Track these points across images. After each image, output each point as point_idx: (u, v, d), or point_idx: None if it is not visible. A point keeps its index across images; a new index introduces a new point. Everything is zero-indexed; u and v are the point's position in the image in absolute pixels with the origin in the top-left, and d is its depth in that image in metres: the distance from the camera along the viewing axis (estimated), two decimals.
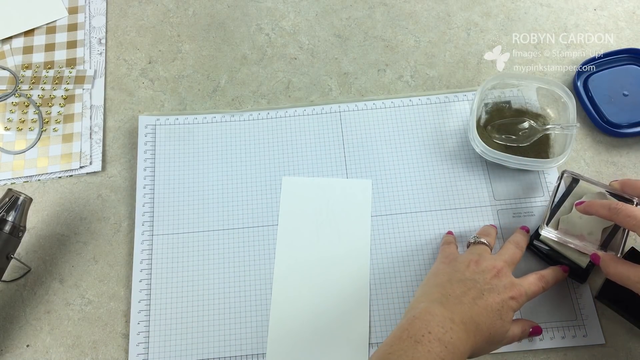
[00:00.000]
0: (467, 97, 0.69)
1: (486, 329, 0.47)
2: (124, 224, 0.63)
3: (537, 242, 0.59)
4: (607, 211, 0.51)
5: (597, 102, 0.67)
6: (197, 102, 0.70)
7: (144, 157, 0.66)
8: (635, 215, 0.48)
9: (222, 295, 0.59)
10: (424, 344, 0.43)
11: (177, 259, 0.61)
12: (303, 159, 0.66)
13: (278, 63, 0.73)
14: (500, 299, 0.48)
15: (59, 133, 0.68)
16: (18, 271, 0.61)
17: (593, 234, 0.55)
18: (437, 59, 0.73)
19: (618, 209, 0.50)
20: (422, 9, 0.76)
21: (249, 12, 0.76)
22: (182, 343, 0.57)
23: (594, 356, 0.56)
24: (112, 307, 0.60)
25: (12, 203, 0.56)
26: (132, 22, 0.76)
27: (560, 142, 0.63)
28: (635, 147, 0.66)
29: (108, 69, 0.73)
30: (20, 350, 0.58)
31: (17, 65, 0.73)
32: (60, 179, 0.66)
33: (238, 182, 0.65)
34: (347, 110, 0.69)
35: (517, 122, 0.65)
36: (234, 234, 0.62)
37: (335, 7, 0.76)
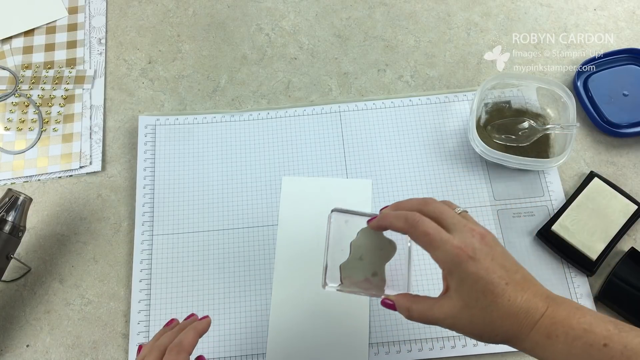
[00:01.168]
0: (467, 97, 0.69)
1: None
2: (124, 224, 0.63)
3: (546, 234, 0.60)
4: (404, 223, 0.44)
5: (597, 102, 0.67)
6: (197, 102, 0.70)
7: (144, 157, 0.66)
8: (431, 232, 0.42)
9: (222, 295, 0.59)
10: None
11: (177, 259, 0.61)
12: (303, 159, 0.66)
13: (278, 63, 0.73)
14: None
15: (58, 133, 0.68)
16: (18, 271, 0.61)
17: (377, 274, 0.49)
18: (437, 59, 0.73)
19: (416, 221, 0.43)
20: (422, 9, 0.76)
21: (249, 12, 0.76)
22: None
23: None
24: (112, 307, 0.60)
25: (12, 203, 0.56)
26: (132, 22, 0.76)
27: (560, 142, 0.63)
28: (635, 147, 0.66)
29: (108, 69, 0.73)
30: (20, 350, 0.58)
31: (17, 65, 0.73)
32: (60, 179, 0.66)
33: (238, 182, 0.65)
34: (347, 110, 0.69)
35: (517, 122, 0.65)
36: (234, 234, 0.62)
37: (335, 7, 0.76)
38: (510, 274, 0.41)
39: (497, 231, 0.61)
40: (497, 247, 0.42)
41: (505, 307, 0.40)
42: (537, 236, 0.60)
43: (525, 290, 0.40)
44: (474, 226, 0.43)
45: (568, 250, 0.59)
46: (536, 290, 0.41)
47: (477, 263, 0.40)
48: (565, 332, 0.38)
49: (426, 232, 0.42)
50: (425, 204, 0.45)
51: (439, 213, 0.44)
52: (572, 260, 0.59)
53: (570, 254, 0.59)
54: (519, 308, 0.40)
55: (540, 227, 0.60)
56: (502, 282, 0.40)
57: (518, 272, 0.42)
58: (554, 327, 0.38)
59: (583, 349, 0.37)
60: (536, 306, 0.40)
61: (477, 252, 0.41)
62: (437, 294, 0.44)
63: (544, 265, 0.59)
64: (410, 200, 0.47)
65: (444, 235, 0.42)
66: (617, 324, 0.37)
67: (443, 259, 0.42)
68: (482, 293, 0.40)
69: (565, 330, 0.38)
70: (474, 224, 0.44)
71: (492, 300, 0.40)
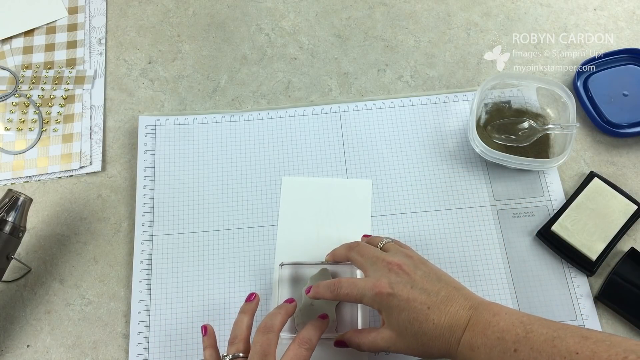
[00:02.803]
0: (467, 97, 0.69)
1: None
2: (124, 224, 0.63)
3: (546, 235, 0.60)
4: (330, 293, 0.49)
5: (597, 102, 0.67)
6: (197, 102, 0.70)
7: (144, 157, 0.66)
8: (349, 291, 0.48)
9: (222, 295, 0.59)
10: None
11: (177, 259, 0.61)
12: (303, 159, 0.66)
13: (278, 63, 0.73)
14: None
15: (59, 133, 0.68)
16: (18, 271, 0.61)
17: (331, 318, 0.54)
18: (437, 59, 0.73)
19: (337, 286, 0.49)
20: (422, 9, 0.76)
21: (249, 12, 0.76)
22: (182, 343, 0.57)
23: None
24: (112, 307, 0.60)
25: (12, 203, 0.56)
26: (132, 22, 0.76)
27: (560, 142, 0.63)
28: (635, 147, 0.66)
29: (108, 69, 0.73)
30: (21, 350, 0.58)
31: (17, 65, 0.73)
32: (60, 179, 0.66)
33: (238, 182, 0.65)
34: (347, 110, 0.69)
35: (517, 122, 0.65)
36: (234, 234, 0.62)
37: (335, 7, 0.76)
38: (432, 297, 0.45)
39: (497, 231, 0.61)
40: (417, 272, 0.47)
41: (431, 330, 0.44)
42: (537, 236, 0.60)
43: (448, 307, 0.44)
44: (392, 257, 0.48)
45: (568, 250, 0.59)
46: (459, 304, 0.45)
47: (395, 297, 0.45)
48: (483, 344, 0.42)
49: (346, 294, 0.48)
50: (349, 249, 0.52)
51: (360, 255, 0.50)
52: (572, 260, 0.59)
53: (570, 254, 0.59)
54: (443, 328, 0.44)
55: (540, 227, 0.61)
56: (424, 307, 0.44)
57: (440, 291, 0.46)
58: (474, 340, 0.42)
59: (499, 356, 0.40)
60: (458, 323, 0.44)
61: (394, 287, 0.46)
62: None
63: (544, 265, 0.60)
64: (341, 247, 0.55)
65: (360, 284, 0.48)
66: (525, 325, 0.41)
67: (369, 303, 0.47)
68: (408, 322, 0.45)
69: (483, 342, 0.42)
70: (393, 255, 0.49)
71: (419, 327, 0.44)
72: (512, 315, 0.43)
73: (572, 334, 0.39)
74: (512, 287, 0.59)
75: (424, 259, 0.50)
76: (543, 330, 0.40)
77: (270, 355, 0.45)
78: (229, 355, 0.46)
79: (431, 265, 0.49)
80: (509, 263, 0.60)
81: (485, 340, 0.42)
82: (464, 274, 0.59)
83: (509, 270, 0.60)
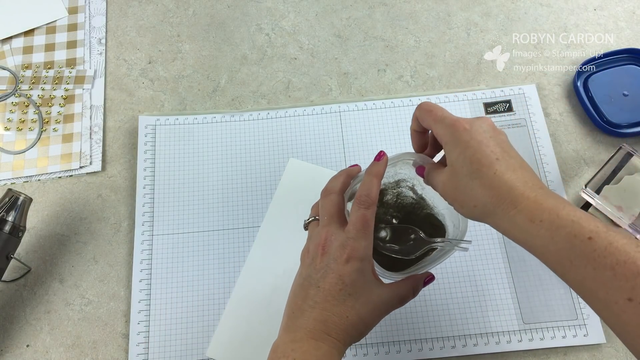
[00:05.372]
0: (467, 96, 0.69)
1: (344, 314, 0.41)
2: (124, 224, 0.63)
3: None
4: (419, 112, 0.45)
5: (597, 102, 0.67)
6: (197, 102, 0.70)
7: (144, 157, 0.66)
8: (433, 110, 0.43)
9: (222, 295, 0.59)
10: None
11: (177, 259, 0.61)
12: (303, 159, 0.66)
13: (278, 63, 0.73)
14: (338, 276, 0.41)
15: (59, 133, 0.68)
16: (18, 271, 0.61)
17: (631, 208, 0.56)
18: (437, 59, 0.73)
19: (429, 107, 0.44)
20: (422, 9, 0.76)
21: (249, 12, 0.76)
22: (182, 343, 0.57)
23: (594, 356, 0.56)
24: (112, 307, 0.60)
25: (12, 203, 0.56)
26: (132, 22, 0.76)
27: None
28: (635, 147, 0.66)
29: (108, 69, 0.73)
30: (20, 350, 0.58)
31: (17, 65, 0.73)
32: (60, 179, 0.66)
33: (238, 182, 0.65)
34: (347, 110, 0.69)
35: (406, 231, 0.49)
36: (234, 234, 0.62)
37: (335, 7, 0.76)
38: (505, 155, 0.40)
39: (498, 234, 0.61)
40: (501, 135, 0.42)
41: (489, 178, 0.39)
42: None
43: (516, 172, 0.39)
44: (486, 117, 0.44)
45: None
46: (529, 178, 0.39)
47: (470, 133, 0.41)
48: (550, 220, 0.36)
49: (429, 110, 0.43)
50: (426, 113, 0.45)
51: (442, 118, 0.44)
52: None
53: None
54: (503, 183, 0.39)
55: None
56: (492, 155, 0.40)
57: (516, 158, 0.41)
58: (539, 212, 0.37)
59: (567, 238, 0.35)
60: (523, 188, 0.38)
61: (473, 125, 0.41)
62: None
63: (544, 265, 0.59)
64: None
65: (445, 113, 0.43)
66: (607, 225, 0.36)
67: (442, 132, 0.42)
68: (469, 160, 0.40)
69: (551, 218, 0.36)
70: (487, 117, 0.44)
71: (477, 168, 0.39)
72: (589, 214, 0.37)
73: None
74: (512, 287, 0.59)
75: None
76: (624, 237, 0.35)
77: (334, 216, 0.44)
78: (307, 220, 0.48)
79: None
80: (509, 263, 0.60)
81: (555, 218, 0.36)
82: (464, 273, 0.59)
83: (509, 270, 0.60)
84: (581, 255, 0.35)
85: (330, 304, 0.41)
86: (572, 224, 0.36)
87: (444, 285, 0.59)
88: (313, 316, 0.41)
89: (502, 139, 0.41)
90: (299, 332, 0.41)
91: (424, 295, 0.59)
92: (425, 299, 0.59)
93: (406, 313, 0.58)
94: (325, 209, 0.45)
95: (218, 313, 0.58)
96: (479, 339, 0.57)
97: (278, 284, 0.59)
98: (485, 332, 0.57)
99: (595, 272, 0.34)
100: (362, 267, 0.42)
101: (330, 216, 0.44)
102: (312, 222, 0.47)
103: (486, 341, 0.57)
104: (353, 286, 0.41)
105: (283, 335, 0.42)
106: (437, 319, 0.58)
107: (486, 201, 0.39)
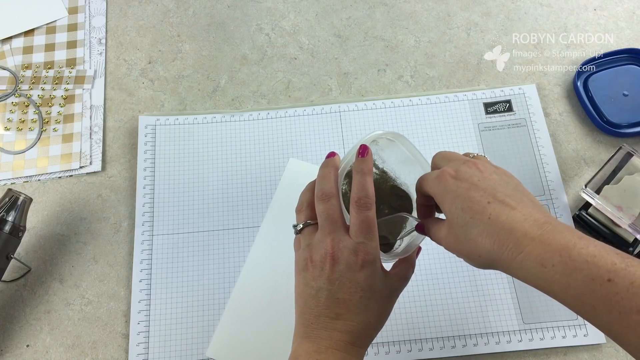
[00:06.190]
0: (467, 96, 0.69)
1: (367, 320, 0.41)
2: (124, 224, 0.63)
3: (585, 215, 0.60)
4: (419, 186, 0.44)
5: (597, 102, 0.67)
6: (197, 102, 0.70)
7: (144, 157, 0.66)
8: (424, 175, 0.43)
9: (222, 295, 0.59)
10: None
11: (177, 259, 0.61)
12: (303, 159, 0.66)
13: (278, 63, 0.73)
14: (355, 284, 0.41)
15: (59, 133, 0.68)
16: (18, 271, 0.61)
17: (631, 208, 0.56)
18: (437, 59, 0.73)
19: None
20: (422, 9, 0.76)
21: (249, 12, 0.76)
22: (182, 343, 0.57)
23: (594, 356, 0.56)
24: (112, 307, 0.60)
25: (12, 203, 0.56)
26: (132, 22, 0.76)
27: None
28: (635, 147, 0.66)
29: (108, 69, 0.73)
30: (20, 350, 0.58)
31: (17, 65, 0.73)
32: (60, 179, 0.66)
33: (238, 182, 0.65)
34: (347, 110, 0.69)
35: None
36: (234, 234, 0.62)
37: (335, 7, 0.76)
38: (498, 193, 0.38)
39: None
40: (492, 174, 0.40)
41: (485, 224, 0.37)
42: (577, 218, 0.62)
43: (514, 209, 0.37)
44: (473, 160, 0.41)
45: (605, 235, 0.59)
46: (530, 213, 0.37)
47: (457, 181, 0.39)
48: (563, 263, 0.34)
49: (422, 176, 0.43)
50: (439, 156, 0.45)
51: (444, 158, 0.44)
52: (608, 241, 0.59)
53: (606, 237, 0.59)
54: (501, 227, 0.36)
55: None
56: (483, 200, 0.38)
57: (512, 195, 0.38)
58: (549, 255, 0.34)
59: (584, 283, 0.33)
60: (524, 228, 0.36)
61: (460, 173, 0.40)
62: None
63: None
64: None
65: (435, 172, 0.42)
66: (624, 257, 0.33)
67: (431, 186, 0.41)
68: (460, 210, 0.38)
69: (563, 261, 0.34)
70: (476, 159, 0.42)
71: (471, 217, 0.37)
72: (601, 244, 0.34)
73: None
74: (512, 287, 0.59)
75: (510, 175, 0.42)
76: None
77: (338, 221, 0.42)
78: (298, 224, 0.45)
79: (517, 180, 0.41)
80: None
81: (567, 260, 0.33)
82: (464, 273, 0.59)
83: None
84: (603, 300, 0.32)
85: (353, 313, 0.40)
86: (587, 265, 0.33)
87: (444, 285, 0.59)
88: (337, 327, 0.40)
89: (493, 178, 0.39)
90: (322, 343, 0.40)
91: (424, 295, 0.59)
92: (425, 299, 0.59)
93: (406, 313, 0.58)
94: (328, 214, 0.42)
95: (218, 313, 0.58)
96: (479, 339, 0.57)
97: (278, 284, 0.59)
98: (485, 332, 0.57)
99: (621, 317, 0.31)
100: (375, 268, 0.41)
101: (334, 222, 0.42)
102: (308, 228, 0.44)
103: (486, 341, 0.57)
104: (370, 290, 0.41)
105: (304, 344, 0.41)
106: (437, 319, 0.58)
107: (489, 249, 0.37)
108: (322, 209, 0.43)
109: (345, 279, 0.41)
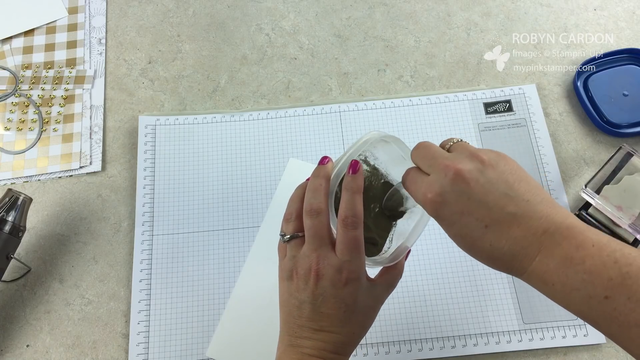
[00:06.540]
0: (467, 96, 0.69)
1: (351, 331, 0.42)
2: (124, 224, 0.63)
3: (585, 215, 0.60)
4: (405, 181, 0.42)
5: (597, 102, 0.67)
6: (197, 102, 0.70)
7: (144, 157, 0.66)
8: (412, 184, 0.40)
9: (222, 295, 0.59)
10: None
11: (177, 259, 0.61)
12: (303, 159, 0.66)
13: (278, 63, 0.73)
14: (339, 300, 0.41)
15: (59, 133, 0.68)
16: (18, 271, 0.61)
17: (631, 208, 0.57)
18: (437, 59, 0.73)
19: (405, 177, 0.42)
20: (422, 9, 0.76)
21: (249, 12, 0.76)
22: (182, 343, 0.57)
23: (594, 356, 0.56)
24: (112, 307, 0.60)
25: (12, 203, 0.56)
26: (132, 22, 0.76)
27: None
28: (635, 147, 0.66)
29: (108, 69, 0.73)
30: (20, 350, 0.58)
31: (17, 65, 0.73)
32: (60, 179, 0.66)
33: (238, 182, 0.65)
34: (347, 110, 0.69)
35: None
36: (234, 234, 0.62)
37: (335, 7, 0.76)
38: (493, 212, 0.36)
39: None
40: (480, 179, 0.37)
41: (487, 251, 0.36)
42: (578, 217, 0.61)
43: (512, 228, 0.35)
44: (452, 161, 0.38)
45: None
46: (529, 227, 0.35)
47: (447, 207, 0.37)
48: (561, 282, 0.34)
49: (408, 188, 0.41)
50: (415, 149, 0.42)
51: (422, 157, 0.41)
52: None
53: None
54: (503, 254, 0.36)
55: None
56: (479, 225, 0.36)
57: (507, 206, 0.36)
58: (549, 276, 0.35)
59: (583, 301, 0.33)
60: (525, 251, 0.35)
61: (446, 196, 0.37)
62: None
63: None
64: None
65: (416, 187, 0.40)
66: (621, 267, 0.32)
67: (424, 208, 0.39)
68: (460, 237, 0.37)
69: (562, 280, 0.34)
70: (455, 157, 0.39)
71: (471, 245, 0.37)
72: (601, 249, 0.33)
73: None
74: (512, 287, 0.59)
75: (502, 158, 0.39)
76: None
77: (325, 238, 0.41)
78: (286, 235, 0.44)
79: (508, 168, 0.38)
80: None
81: (565, 280, 0.34)
82: (464, 273, 0.59)
83: None
84: (603, 316, 0.33)
85: (337, 326, 0.41)
86: (583, 284, 0.33)
87: (444, 285, 0.59)
88: (320, 338, 0.41)
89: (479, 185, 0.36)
90: (305, 351, 0.41)
91: (424, 295, 0.59)
92: (425, 299, 0.59)
93: (406, 313, 0.58)
94: (315, 231, 0.42)
95: (218, 313, 0.58)
96: (479, 339, 0.57)
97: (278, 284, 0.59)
98: (485, 332, 0.57)
99: (622, 330, 0.32)
100: (359, 284, 0.41)
101: (321, 239, 0.42)
102: (296, 240, 0.44)
103: (486, 341, 0.57)
104: (354, 304, 0.41)
105: (289, 351, 0.41)
106: (437, 319, 0.58)
107: (498, 268, 0.38)
108: (310, 225, 0.42)
109: (328, 294, 0.41)
